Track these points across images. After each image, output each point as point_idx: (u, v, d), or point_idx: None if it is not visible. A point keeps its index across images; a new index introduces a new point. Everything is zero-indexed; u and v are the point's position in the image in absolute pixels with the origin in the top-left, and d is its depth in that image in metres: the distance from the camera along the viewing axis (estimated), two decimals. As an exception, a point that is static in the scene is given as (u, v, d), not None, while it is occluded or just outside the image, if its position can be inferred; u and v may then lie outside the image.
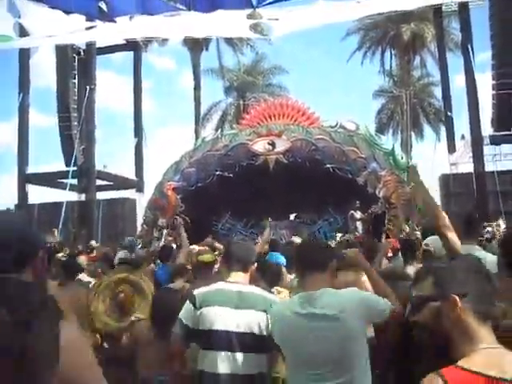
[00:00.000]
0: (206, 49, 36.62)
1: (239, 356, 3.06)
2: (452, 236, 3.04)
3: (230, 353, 3.06)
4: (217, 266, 5.55)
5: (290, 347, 2.83)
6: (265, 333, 3.08)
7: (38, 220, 21.66)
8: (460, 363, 1.56)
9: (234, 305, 3.12)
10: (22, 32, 12.64)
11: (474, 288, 1.65)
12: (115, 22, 11.56)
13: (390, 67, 38.36)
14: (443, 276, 1.68)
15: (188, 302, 3.22)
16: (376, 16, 27.90)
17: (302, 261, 2.96)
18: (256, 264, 3.72)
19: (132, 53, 25.59)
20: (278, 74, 38.46)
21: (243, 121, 19.37)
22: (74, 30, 13.59)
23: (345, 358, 2.65)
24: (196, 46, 34.92)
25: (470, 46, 18.10)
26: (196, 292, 3.28)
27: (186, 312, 3.19)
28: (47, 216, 21.15)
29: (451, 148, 21.37)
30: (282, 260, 5.77)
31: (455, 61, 28.27)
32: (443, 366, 1.61)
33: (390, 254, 6.90)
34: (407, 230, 14.66)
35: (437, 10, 21.62)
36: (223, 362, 3.05)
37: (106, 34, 14.69)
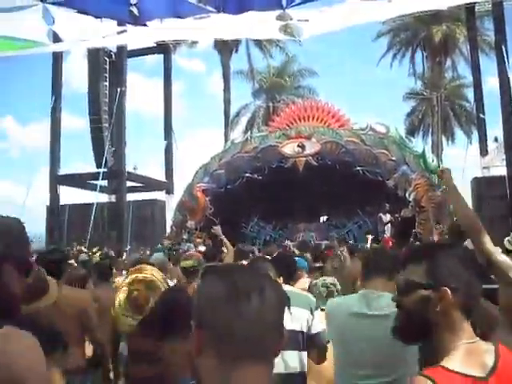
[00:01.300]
0: (236, 51, 36.73)
1: (285, 354, 3.04)
2: (486, 239, 2.95)
3: None
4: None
5: (341, 345, 2.83)
6: (305, 330, 3.11)
7: (69, 221, 21.95)
8: (445, 363, 1.55)
9: None
10: (56, 39, 12.81)
11: (466, 282, 1.63)
12: (146, 25, 11.62)
13: (423, 69, 38.01)
14: (437, 265, 1.66)
15: None
16: (407, 17, 27.65)
17: (373, 264, 2.97)
18: None
19: (162, 56, 25.80)
20: (307, 76, 38.40)
21: (273, 123, 19.38)
22: (106, 34, 13.72)
23: (394, 358, 2.63)
24: (225, 48, 35.04)
25: (503, 47, 17.78)
26: None
27: None
28: (78, 217, 21.42)
29: (483, 151, 21.03)
30: (304, 264, 5.75)
31: (487, 62, 27.92)
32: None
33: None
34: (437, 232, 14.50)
35: (469, 9, 21.31)
36: None
37: (136, 37, 14.77)
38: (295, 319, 3.08)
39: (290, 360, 3.06)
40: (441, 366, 1.54)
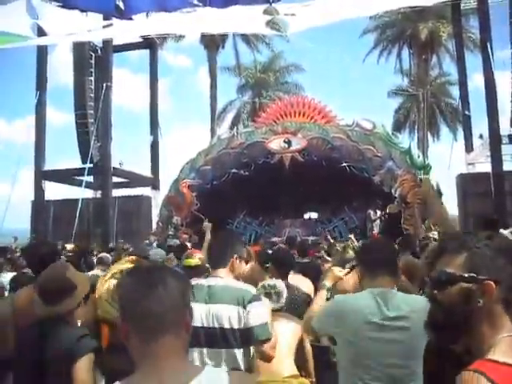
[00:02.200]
0: (223, 47, 36.63)
1: (209, 352, 3.03)
2: None
3: (200, 349, 3.02)
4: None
5: (354, 345, 2.69)
6: (236, 326, 3.03)
7: (54, 217, 21.82)
8: (491, 357, 1.43)
9: (203, 299, 3.08)
10: (41, 32, 12.73)
11: (508, 274, 1.50)
12: (132, 19, 11.58)
13: (410, 66, 38.15)
14: (478, 256, 1.52)
15: None
16: (393, 14, 27.77)
17: (377, 262, 2.82)
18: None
19: (148, 51, 25.67)
20: (294, 72, 38.42)
21: (259, 119, 19.36)
22: (91, 28, 13.66)
23: (412, 360, 2.61)
24: (212, 43, 34.94)
25: (489, 44, 17.87)
26: None
27: None
28: (63, 213, 21.30)
29: (469, 147, 21.16)
30: None
31: (472, 59, 28.09)
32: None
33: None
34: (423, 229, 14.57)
35: (455, 7, 21.40)
36: (195, 359, 3.01)
37: (122, 31, 14.72)
38: (220, 317, 3.04)
39: (216, 358, 3.02)
40: (488, 360, 1.43)
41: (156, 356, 1.53)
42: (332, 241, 11.75)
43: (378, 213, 16.17)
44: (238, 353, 3.05)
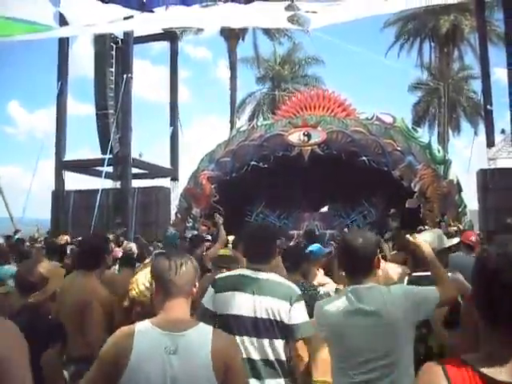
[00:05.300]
0: (243, 39, 36.53)
1: (254, 341, 3.10)
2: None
3: (249, 338, 3.10)
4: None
5: (338, 342, 2.83)
6: (283, 320, 3.11)
7: (74, 207, 22.01)
8: (467, 358, 1.43)
9: (251, 291, 3.15)
10: (62, 21, 12.82)
11: None
12: (153, 11, 11.63)
13: (430, 59, 37.73)
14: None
15: (210, 286, 3.33)
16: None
17: (352, 260, 2.90)
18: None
19: (168, 43, 25.68)
20: (313, 64, 38.22)
21: (279, 111, 19.32)
22: (113, 19, 13.74)
23: (388, 352, 2.67)
24: (232, 35, 34.87)
25: (513, 37, 17.63)
26: (218, 276, 3.44)
27: (207, 296, 3.28)
28: (83, 203, 21.47)
29: (490, 142, 20.91)
30: (322, 251, 5.72)
31: (495, 53, 27.70)
32: None
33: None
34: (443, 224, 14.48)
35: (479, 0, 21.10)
36: (245, 346, 3.09)
37: (143, 24, 14.80)
38: (269, 309, 3.11)
39: (262, 347, 3.10)
40: (463, 361, 1.44)
41: (170, 309, 2.30)
42: None
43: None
44: (280, 344, 3.13)
